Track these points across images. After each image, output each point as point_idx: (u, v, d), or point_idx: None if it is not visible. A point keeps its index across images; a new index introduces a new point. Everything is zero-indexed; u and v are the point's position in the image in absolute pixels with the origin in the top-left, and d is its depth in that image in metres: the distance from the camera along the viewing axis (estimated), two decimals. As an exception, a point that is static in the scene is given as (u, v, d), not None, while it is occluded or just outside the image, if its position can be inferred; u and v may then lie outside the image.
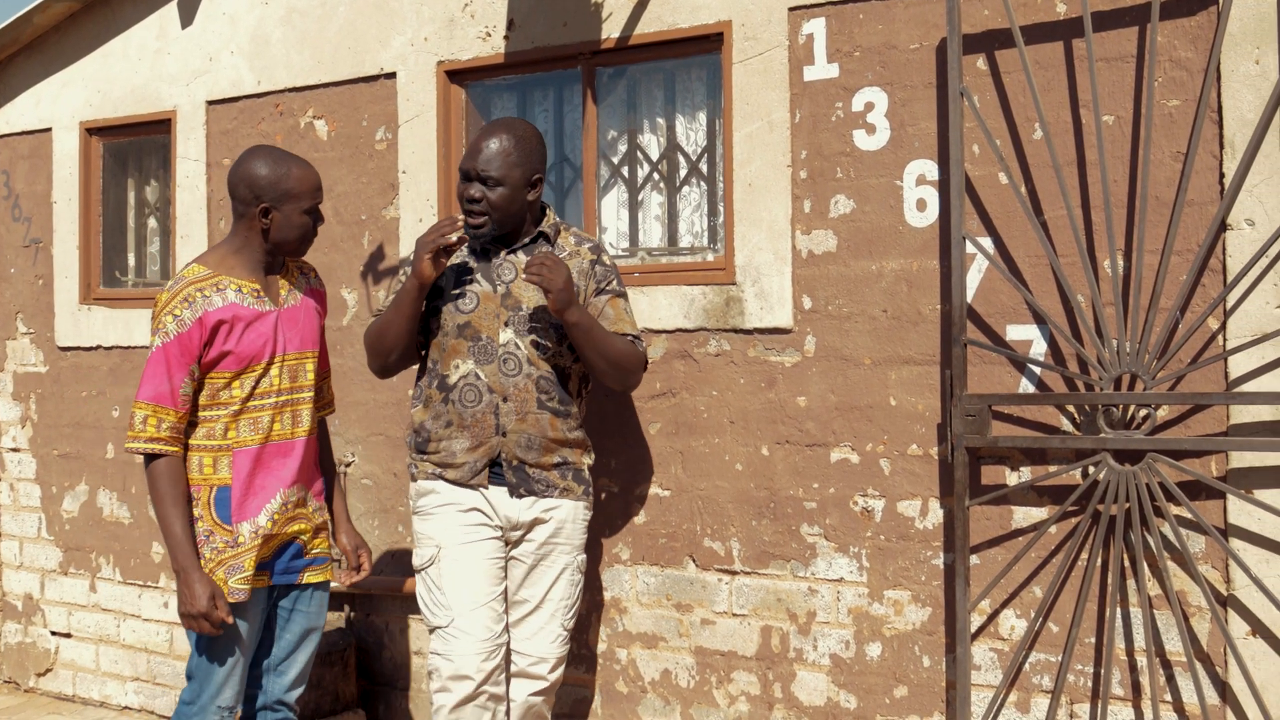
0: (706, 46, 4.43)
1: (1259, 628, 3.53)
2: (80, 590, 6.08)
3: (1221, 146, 3.55)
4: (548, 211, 4.02)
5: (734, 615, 4.32)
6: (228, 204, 5.51)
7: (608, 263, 4.00)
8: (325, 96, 5.25)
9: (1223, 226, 3.55)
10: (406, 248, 4.96)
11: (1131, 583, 3.69)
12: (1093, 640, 3.75)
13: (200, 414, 3.64)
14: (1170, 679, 3.65)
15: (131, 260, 6.14)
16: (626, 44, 4.52)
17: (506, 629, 3.88)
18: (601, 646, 4.57)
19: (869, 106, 4.07)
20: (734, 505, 4.32)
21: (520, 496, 3.86)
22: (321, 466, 3.95)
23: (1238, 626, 3.55)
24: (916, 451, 4.01)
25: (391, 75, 5.05)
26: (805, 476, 4.18)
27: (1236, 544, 3.54)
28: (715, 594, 4.36)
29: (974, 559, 3.91)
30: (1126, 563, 3.69)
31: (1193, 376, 3.60)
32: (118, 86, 5.89)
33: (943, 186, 3.95)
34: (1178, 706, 3.64)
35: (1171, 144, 3.63)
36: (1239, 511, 3.54)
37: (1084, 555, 3.75)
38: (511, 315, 3.85)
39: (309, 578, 3.81)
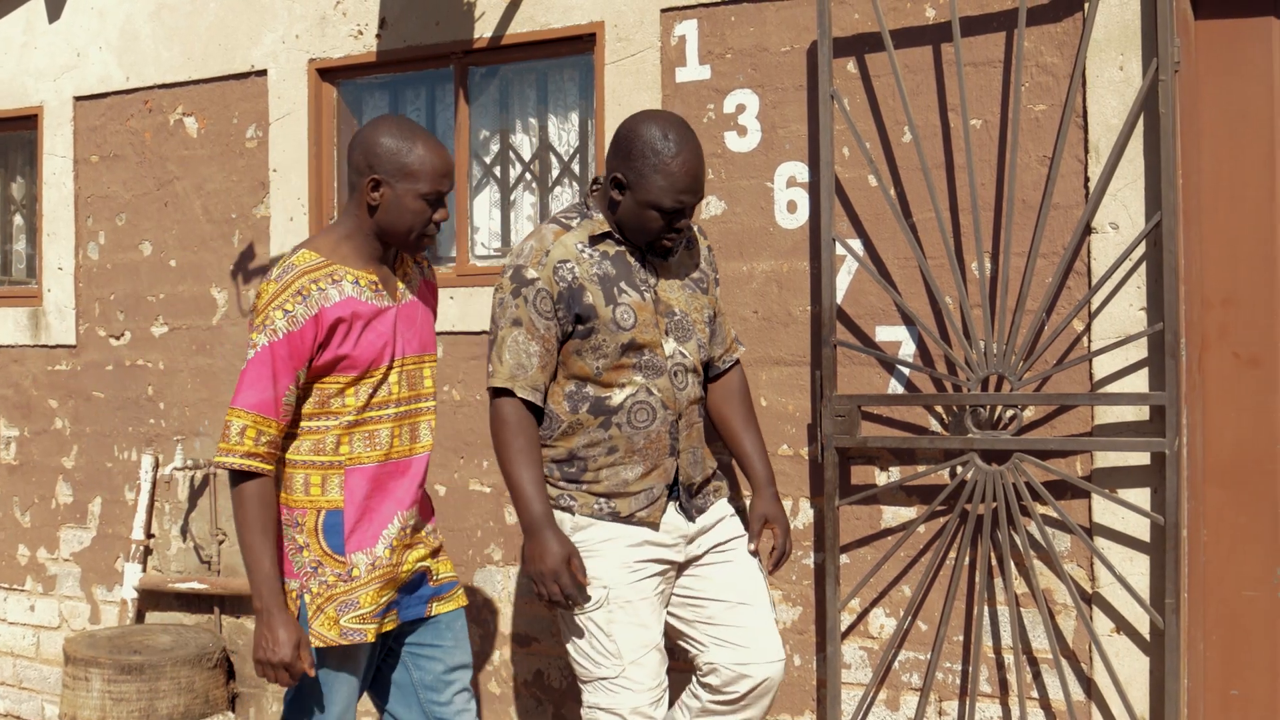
0: (579, 47, 4.14)
1: (1123, 625, 3.36)
2: (-56, 593, 5.62)
3: (1086, 151, 3.38)
4: None
5: (607, 615, 4.06)
6: (95, 201, 5.11)
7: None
8: (195, 93, 4.86)
9: (1087, 230, 3.38)
10: (277, 247, 4.59)
11: (999, 581, 3.50)
12: (961, 638, 3.55)
13: (306, 424, 2.91)
14: (1037, 676, 3.47)
15: (-3, 258, 5.70)
16: (499, 44, 4.22)
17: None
18: (474, 647, 4.25)
19: (740, 108, 3.83)
20: (607, 505, 4.05)
21: (692, 520, 3.28)
22: None
23: (1102, 624, 3.38)
24: (787, 451, 3.79)
25: (262, 73, 4.68)
26: (678, 477, 3.94)
27: (1101, 542, 3.37)
28: (588, 594, 4.09)
29: (844, 558, 3.69)
30: (994, 561, 3.50)
31: (1058, 378, 3.43)
32: (-18, 81, 5.44)
33: (813, 188, 3.73)
34: (1044, 703, 3.46)
35: (1038, 148, 3.44)
36: (1104, 510, 3.37)
37: (952, 554, 3.55)
38: (669, 322, 3.22)
39: (438, 608, 3.09)
